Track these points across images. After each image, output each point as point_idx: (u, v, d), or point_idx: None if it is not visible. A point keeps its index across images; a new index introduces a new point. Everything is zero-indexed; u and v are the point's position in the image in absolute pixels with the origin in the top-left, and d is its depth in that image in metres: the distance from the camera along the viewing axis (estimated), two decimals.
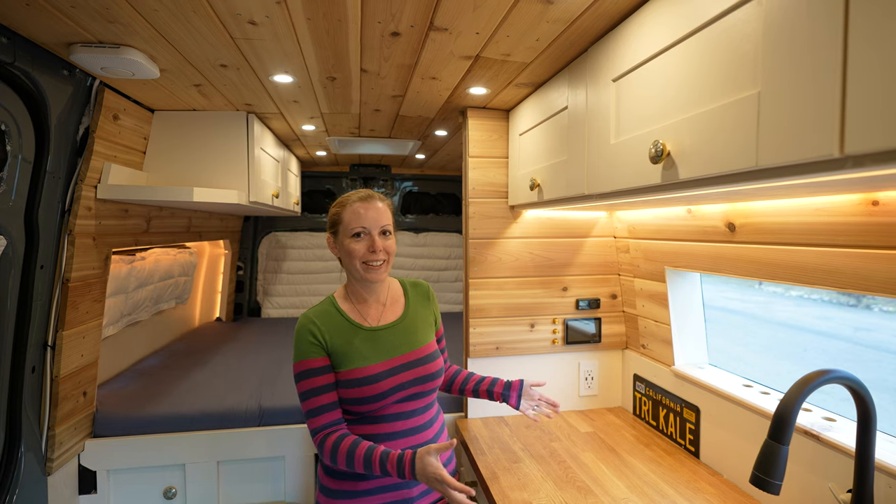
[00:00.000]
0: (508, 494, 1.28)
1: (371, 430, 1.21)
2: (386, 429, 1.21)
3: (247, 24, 1.14)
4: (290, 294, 3.79)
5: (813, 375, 0.85)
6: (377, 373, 1.20)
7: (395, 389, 1.21)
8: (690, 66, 0.83)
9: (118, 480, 1.70)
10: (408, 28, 1.17)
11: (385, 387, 1.19)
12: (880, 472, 0.94)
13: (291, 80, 1.55)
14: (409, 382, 1.23)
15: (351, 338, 1.23)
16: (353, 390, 1.18)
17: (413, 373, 1.24)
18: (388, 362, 1.22)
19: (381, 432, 1.21)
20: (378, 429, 1.21)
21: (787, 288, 3.73)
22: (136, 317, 2.37)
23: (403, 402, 1.22)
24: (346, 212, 1.24)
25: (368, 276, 1.23)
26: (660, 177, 0.89)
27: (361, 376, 1.18)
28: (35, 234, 1.35)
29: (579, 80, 1.26)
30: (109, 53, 1.24)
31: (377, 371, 1.20)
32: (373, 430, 1.21)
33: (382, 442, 1.21)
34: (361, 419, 1.22)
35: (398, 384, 1.21)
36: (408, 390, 1.23)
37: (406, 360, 1.25)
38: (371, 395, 1.18)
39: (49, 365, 1.46)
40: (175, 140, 1.88)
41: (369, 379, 1.18)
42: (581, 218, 1.88)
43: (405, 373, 1.23)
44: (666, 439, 1.60)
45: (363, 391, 1.18)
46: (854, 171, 0.57)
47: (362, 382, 1.18)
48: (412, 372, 1.24)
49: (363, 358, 1.20)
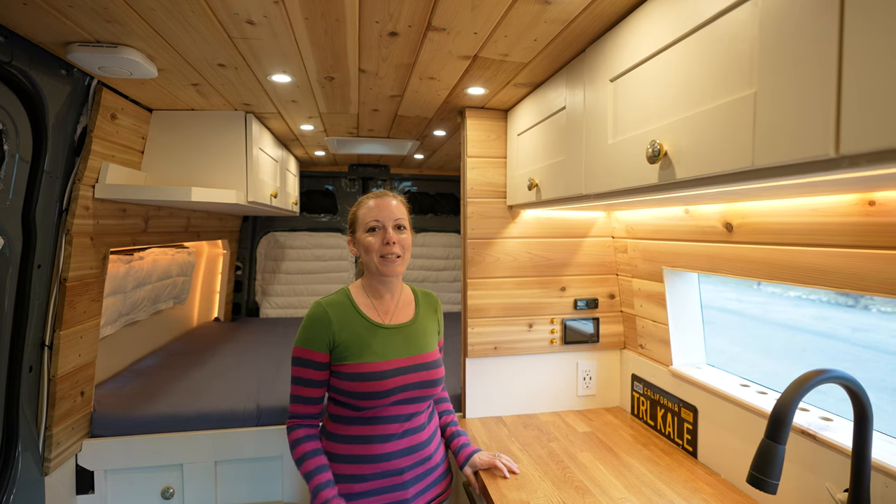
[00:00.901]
0: (506, 494, 1.28)
1: (368, 430, 1.21)
2: (382, 430, 1.22)
3: (244, 23, 1.14)
4: (288, 294, 3.78)
5: (809, 375, 0.86)
6: (385, 370, 1.20)
7: (399, 389, 1.21)
8: (687, 67, 0.83)
9: (116, 480, 1.70)
10: (406, 28, 1.17)
11: (390, 385, 1.19)
12: (877, 471, 0.94)
13: (290, 79, 1.55)
14: (412, 385, 1.23)
15: (361, 332, 1.23)
16: (358, 384, 1.18)
17: (418, 376, 1.25)
18: (397, 361, 1.23)
19: (378, 433, 1.21)
20: (375, 430, 1.22)
21: (786, 289, 3.73)
22: (134, 317, 2.37)
23: (403, 403, 1.23)
24: (362, 209, 1.29)
25: (385, 269, 1.25)
26: (657, 177, 0.89)
27: (369, 371, 1.19)
28: (32, 234, 1.35)
29: (577, 81, 1.26)
30: (107, 53, 1.23)
31: (386, 368, 1.20)
32: (370, 431, 1.21)
33: (380, 443, 1.21)
34: (359, 419, 1.22)
35: (402, 384, 1.21)
36: (410, 392, 1.23)
37: (413, 362, 1.25)
38: (375, 392, 1.18)
39: (46, 365, 1.46)
40: (173, 140, 1.88)
41: (376, 375, 1.19)
42: (579, 218, 1.88)
43: (411, 374, 1.23)
44: (664, 439, 1.60)
45: (368, 386, 1.18)
46: (849, 170, 0.57)
47: (369, 377, 1.18)
48: (417, 375, 1.24)
49: (373, 353, 1.21)
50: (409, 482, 1.23)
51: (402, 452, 1.23)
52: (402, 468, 1.23)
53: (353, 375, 1.19)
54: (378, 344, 1.23)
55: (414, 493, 1.24)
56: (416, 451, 1.26)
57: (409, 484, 1.23)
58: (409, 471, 1.23)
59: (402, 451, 1.23)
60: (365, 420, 1.22)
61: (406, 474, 1.23)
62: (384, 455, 1.21)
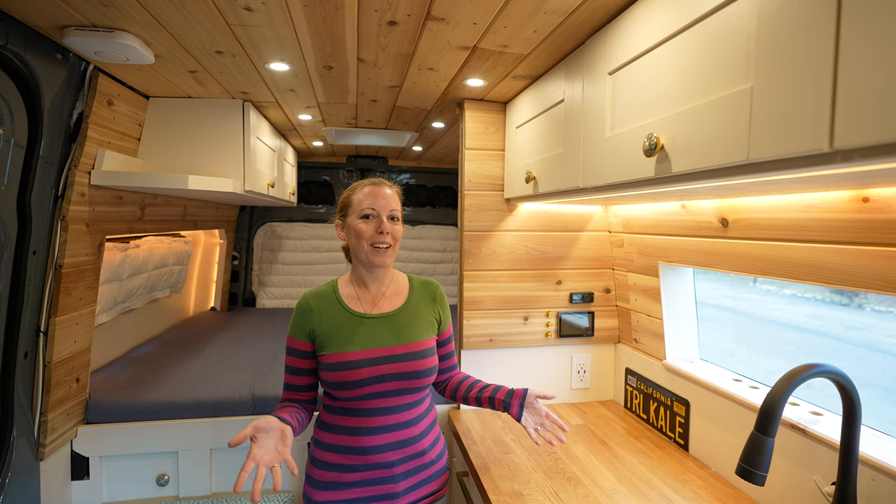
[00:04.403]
0: (499, 484, 1.29)
1: (354, 422, 1.21)
2: (368, 422, 1.20)
3: (242, 9, 1.13)
4: (285, 285, 3.78)
5: (800, 369, 0.86)
6: (356, 360, 1.19)
7: (375, 380, 1.19)
8: (685, 60, 0.83)
9: (111, 467, 1.71)
10: (405, 17, 1.16)
11: (363, 375, 1.18)
12: (864, 465, 0.95)
13: (288, 68, 1.54)
14: (391, 375, 1.20)
15: (340, 322, 1.23)
16: (332, 374, 1.19)
17: (397, 367, 1.21)
18: (370, 351, 1.21)
19: (364, 426, 1.20)
20: (360, 422, 1.20)
21: (782, 286, 3.75)
22: (129, 304, 2.37)
23: (386, 396, 1.20)
24: (357, 194, 1.27)
25: (375, 259, 1.24)
26: (653, 170, 0.90)
27: (339, 361, 1.19)
28: (28, 220, 1.34)
29: (576, 73, 1.26)
30: (103, 37, 1.22)
31: (356, 358, 1.19)
32: (356, 423, 1.20)
33: (366, 435, 1.20)
34: (344, 409, 1.22)
35: (378, 375, 1.19)
36: (390, 384, 1.20)
37: (391, 352, 1.22)
38: (347, 382, 1.17)
39: (42, 351, 1.46)
40: (170, 127, 1.87)
41: (346, 364, 1.18)
42: (576, 212, 1.88)
43: (388, 365, 1.20)
44: (656, 432, 1.62)
45: (340, 376, 1.18)
46: (843, 165, 0.57)
47: (340, 367, 1.18)
48: (396, 366, 1.21)
49: (347, 343, 1.21)
50: (398, 476, 1.22)
51: (392, 446, 1.21)
52: (391, 461, 1.21)
53: (328, 365, 1.20)
54: (355, 334, 1.22)
55: (405, 488, 1.23)
56: (408, 446, 1.23)
57: (400, 478, 1.22)
58: (399, 465, 1.22)
59: (391, 445, 1.21)
60: (350, 411, 1.21)
61: (396, 468, 1.21)
62: (372, 448, 1.20)
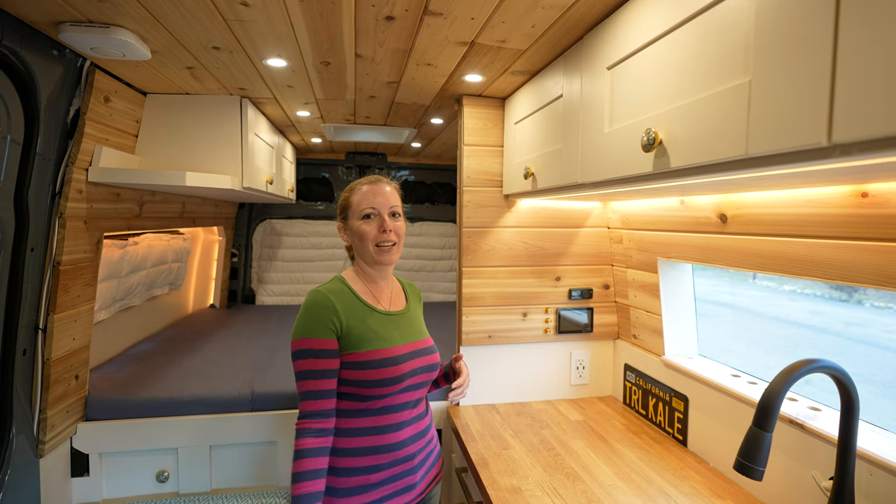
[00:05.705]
0: (498, 480, 1.30)
1: (379, 420, 1.18)
2: (393, 419, 1.19)
3: (239, 5, 1.12)
4: (284, 282, 3.78)
5: (798, 365, 0.86)
6: (400, 354, 1.19)
7: (410, 374, 1.20)
8: (683, 55, 0.83)
9: (111, 463, 1.71)
10: (402, 12, 1.16)
11: (405, 369, 1.18)
12: (861, 459, 0.95)
13: (285, 64, 1.53)
14: (420, 369, 1.23)
15: (367, 319, 1.20)
16: (372, 371, 1.14)
17: (424, 360, 1.25)
18: (408, 346, 1.23)
19: (390, 423, 1.18)
20: (386, 419, 1.18)
21: (781, 283, 3.75)
22: (128, 302, 2.37)
23: (412, 390, 1.22)
24: (356, 195, 1.25)
25: (381, 258, 1.23)
26: (651, 165, 0.89)
27: (384, 357, 1.16)
28: (25, 217, 1.34)
29: (574, 69, 1.25)
30: (99, 33, 1.22)
31: (400, 353, 1.19)
32: (381, 422, 1.18)
33: (393, 432, 1.18)
34: (368, 410, 1.17)
35: (413, 369, 1.21)
36: (418, 377, 1.23)
37: (419, 346, 1.25)
38: (390, 378, 1.15)
39: (40, 348, 1.46)
40: (168, 124, 1.86)
41: (391, 360, 1.16)
42: (575, 208, 1.88)
43: (419, 359, 1.23)
44: (655, 428, 1.62)
45: (384, 372, 1.14)
46: (841, 159, 0.57)
47: (385, 363, 1.15)
48: (423, 359, 1.25)
49: (384, 339, 1.18)
50: (417, 466, 1.22)
51: (413, 439, 1.22)
52: (412, 454, 1.21)
53: (366, 363, 1.14)
54: (386, 330, 1.21)
55: (421, 476, 1.24)
56: (423, 437, 1.25)
57: (418, 468, 1.22)
58: (417, 455, 1.23)
59: (412, 438, 1.22)
60: (375, 411, 1.17)
61: (416, 459, 1.22)
62: (397, 444, 1.18)
